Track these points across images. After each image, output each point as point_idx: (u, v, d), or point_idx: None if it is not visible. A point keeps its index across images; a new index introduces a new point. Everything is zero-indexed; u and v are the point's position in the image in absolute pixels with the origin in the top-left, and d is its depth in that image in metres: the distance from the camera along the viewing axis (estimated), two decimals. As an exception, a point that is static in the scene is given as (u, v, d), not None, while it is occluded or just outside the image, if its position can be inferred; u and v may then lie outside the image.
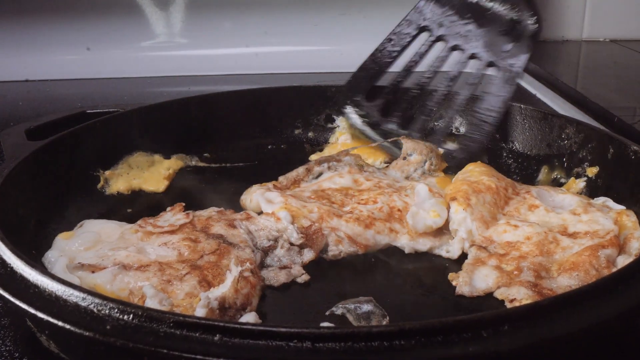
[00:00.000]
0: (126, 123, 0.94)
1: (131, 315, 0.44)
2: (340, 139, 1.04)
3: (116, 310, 0.45)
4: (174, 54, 1.61)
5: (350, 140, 1.03)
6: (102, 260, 0.64)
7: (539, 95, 1.34)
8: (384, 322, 0.56)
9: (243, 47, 1.60)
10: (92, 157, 0.88)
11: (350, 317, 0.58)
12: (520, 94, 1.38)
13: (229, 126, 1.02)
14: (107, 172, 0.90)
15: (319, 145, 1.05)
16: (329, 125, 1.07)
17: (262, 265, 0.68)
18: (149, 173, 0.93)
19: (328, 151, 1.02)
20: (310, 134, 1.07)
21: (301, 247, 0.70)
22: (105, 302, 0.46)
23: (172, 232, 0.70)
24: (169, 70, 1.57)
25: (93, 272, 0.63)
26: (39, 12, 1.57)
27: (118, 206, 0.85)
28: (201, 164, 0.99)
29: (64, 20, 1.58)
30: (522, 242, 0.68)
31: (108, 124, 0.93)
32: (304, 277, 0.67)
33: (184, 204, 0.79)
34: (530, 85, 1.43)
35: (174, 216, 0.76)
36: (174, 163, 0.96)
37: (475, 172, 0.82)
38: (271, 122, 1.06)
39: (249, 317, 0.58)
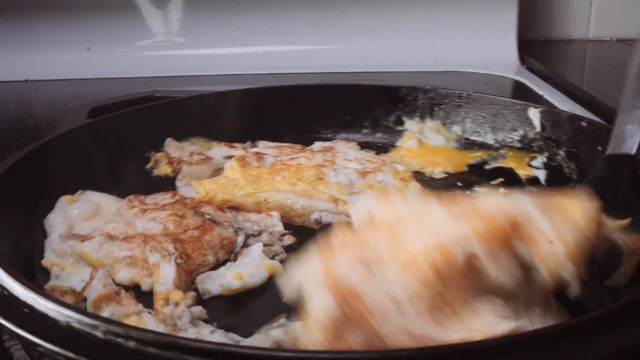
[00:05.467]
0: (186, 108, 0.96)
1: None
2: (407, 143, 0.98)
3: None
4: (174, 53, 1.60)
5: (417, 145, 0.97)
6: (92, 231, 0.69)
7: (546, 96, 1.31)
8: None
9: (243, 46, 1.58)
10: (147, 138, 0.91)
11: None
12: (526, 94, 1.35)
13: (286, 119, 1.01)
14: (158, 154, 0.91)
15: (384, 148, 0.99)
16: (398, 128, 1.02)
17: (244, 245, 0.71)
18: None
19: (392, 154, 0.97)
20: (378, 135, 1.02)
21: (282, 234, 0.75)
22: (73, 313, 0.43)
23: (162, 208, 0.74)
24: (169, 70, 1.56)
25: (82, 241, 0.67)
26: (39, 12, 1.56)
27: (163, 186, 0.84)
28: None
29: (64, 20, 1.57)
30: None
31: (169, 107, 0.96)
32: (281, 256, 0.70)
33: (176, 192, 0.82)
34: (536, 85, 1.41)
35: (161, 196, 0.80)
36: None
37: None
38: (337, 119, 1.03)
39: (196, 310, 0.59)
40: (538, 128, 0.91)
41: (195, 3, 1.58)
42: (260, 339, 0.54)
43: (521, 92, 1.39)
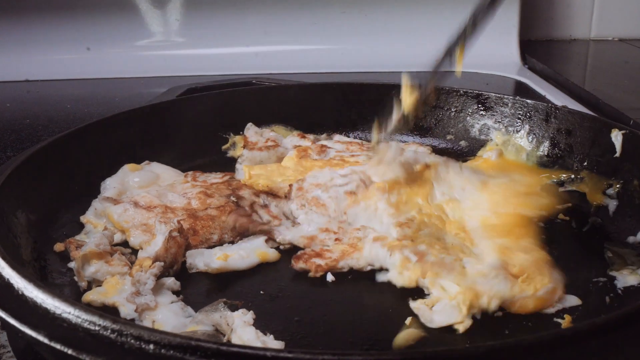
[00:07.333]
0: (270, 97, 1.01)
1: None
2: (486, 154, 0.94)
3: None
4: (173, 53, 1.59)
5: (496, 157, 0.92)
6: (123, 197, 0.75)
7: (548, 97, 1.31)
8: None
9: (243, 46, 1.58)
10: (229, 121, 0.96)
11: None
12: (529, 95, 1.34)
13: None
14: (236, 137, 0.95)
15: (462, 156, 0.96)
16: (483, 137, 0.98)
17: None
18: None
19: (468, 163, 0.91)
20: (462, 143, 1.00)
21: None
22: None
23: (208, 186, 0.79)
24: (169, 70, 1.55)
25: (115, 204, 0.72)
26: (39, 12, 1.56)
27: (231, 167, 0.87)
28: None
29: (64, 20, 1.57)
30: None
31: (257, 93, 1.01)
32: (286, 246, 0.70)
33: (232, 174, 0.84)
34: (538, 85, 1.40)
35: (214, 175, 0.83)
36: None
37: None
38: (426, 123, 1.01)
39: (168, 281, 0.62)
40: (618, 152, 0.81)
41: (195, 3, 1.57)
42: (201, 318, 0.56)
43: (523, 92, 1.38)
